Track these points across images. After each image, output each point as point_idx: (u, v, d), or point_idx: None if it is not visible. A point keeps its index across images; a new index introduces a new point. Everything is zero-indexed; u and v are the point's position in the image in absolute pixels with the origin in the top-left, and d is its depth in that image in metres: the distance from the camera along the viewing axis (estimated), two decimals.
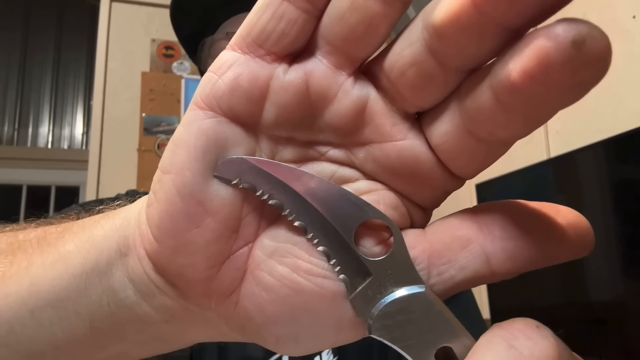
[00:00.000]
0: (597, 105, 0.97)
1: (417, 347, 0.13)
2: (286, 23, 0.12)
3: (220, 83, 0.13)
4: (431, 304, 0.13)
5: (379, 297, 0.13)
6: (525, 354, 0.11)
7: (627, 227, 0.80)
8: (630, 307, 0.78)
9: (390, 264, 0.13)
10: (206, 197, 0.13)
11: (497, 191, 1.15)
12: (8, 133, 3.04)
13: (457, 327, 0.13)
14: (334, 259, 0.14)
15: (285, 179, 0.13)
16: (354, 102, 0.13)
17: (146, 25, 1.56)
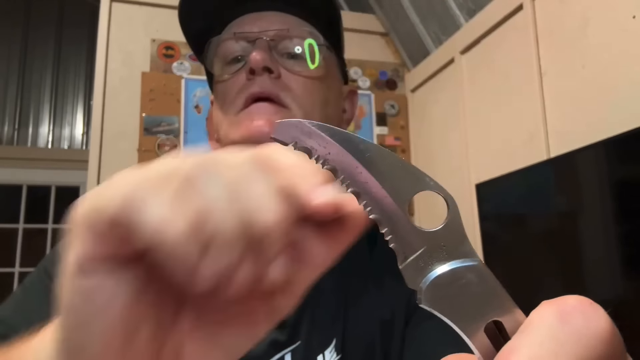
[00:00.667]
0: (597, 105, 0.97)
1: (467, 319, 0.13)
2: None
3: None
4: (484, 277, 0.13)
5: (430, 268, 0.13)
6: (579, 329, 0.11)
7: (627, 226, 0.80)
8: (630, 306, 0.78)
9: (443, 237, 0.13)
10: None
11: (497, 191, 1.15)
12: (8, 133, 3.04)
13: (508, 302, 0.13)
14: (386, 227, 0.13)
15: (341, 143, 0.13)
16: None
17: (146, 25, 1.55)
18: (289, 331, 0.40)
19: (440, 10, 1.50)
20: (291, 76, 0.39)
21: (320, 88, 0.41)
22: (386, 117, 1.74)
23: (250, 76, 0.38)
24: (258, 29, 0.40)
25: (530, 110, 1.14)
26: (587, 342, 0.11)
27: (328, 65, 0.42)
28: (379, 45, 1.81)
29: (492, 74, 1.30)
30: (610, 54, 0.94)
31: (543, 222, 1.02)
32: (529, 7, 1.15)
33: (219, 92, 0.42)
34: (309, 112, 0.39)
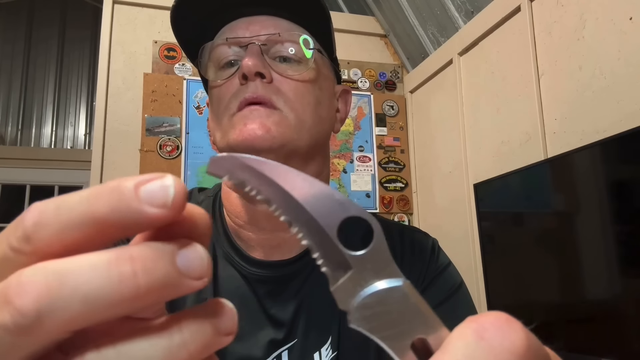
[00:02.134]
0: (595, 105, 0.98)
1: (393, 337, 0.14)
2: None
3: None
4: (407, 297, 0.14)
5: (359, 289, 0.14)
6: (494, 345, 0.12)
7: (624, 226, 0.81)
8: (628, 306, 0.79)
9: (370, 259, 0.14)
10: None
11: (495, 191, 1.15)
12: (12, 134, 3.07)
13: (432, 320, 0.13)
14: (317, 252, 0.14)
15: (272, 176, 0.14)
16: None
17: (148, 27, 1.57)
18: (285, 330, 0.41)
19: (438, 12, 1.51)
20: (283, 80, 0.40)
21: (312, 90, 0.41)
22: (385, 117, 1.75)
23: (243, 81, 0.39)
24: (250, 34, 0.40)
25: (528, 111, 1.15)
26: (501, 358, 0.11)
27: (320, 67, 0.43)
28: (378, 47, 1.82)
29: (490, 75, 1.31)
30: (607, 55, 0.95)
31: (540, 222, 1.03)
32: (526, 9, 1.16)
33: (213, 96, 0.43)
34: (300, 114, 0.40)
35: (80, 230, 0.13)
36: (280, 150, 0.39)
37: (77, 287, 0.12)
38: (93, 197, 0.13)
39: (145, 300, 0.12)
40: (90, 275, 0.12)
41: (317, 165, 0.44)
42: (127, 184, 0.13)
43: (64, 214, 0.13)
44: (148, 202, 0.13)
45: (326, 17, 0.43)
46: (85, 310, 0.12)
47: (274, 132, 0.38)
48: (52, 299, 0.11)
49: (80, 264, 0.12)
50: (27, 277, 0.12)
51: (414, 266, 0.46)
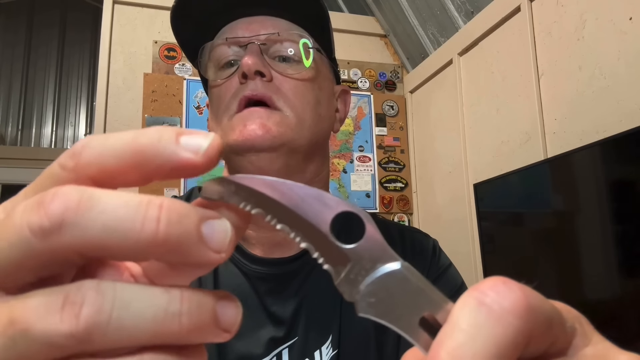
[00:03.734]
0: (594, 105, 0.98)
1: (401, 319, 0.14)
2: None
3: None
4: (407, 278, 0.14)
5: (361, 279, 0.14)
6: (495, 308, 0.12)
7: (624, 226, 0.81)
8: (627, 306, 0.79)
9: (366, 248, 0.15)
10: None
11: (495, 191, 1.15)
12: (12, 134, 3.07)
13: (436, 296, 0.14)
14: (317, 251, 0.15)
15: (261, 189, 0.15)
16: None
17: (148, 27, 1.57)
18: (286, 328, 0.41)
19: (438, 12, 1.51)
20: (283, 79, 0.40)
21: (311, 89, 0.42)
22: (385, 117, 1.75)
23: (243, 80, 0.39)
24: (249, 34, 0.41)
25: (528, 111, 1.15)
26: (502, 319, 0.12)
27: (319, 66, 0.43)
28: (378, 47, 1.82)
29: (490, 75, 1.31)
30: (607, 55, 0.95)
31: (540, 222, 1.03)
32: (526, 9, 1.16)
33: (213, 96, 0.43)
34: (300, 113, 0.40)
35: (119, 158, 0.14)
36: (280, 150, 0.39)
37: (103, 212, 0.12)
38: (139, 133, 0.14)
39: (159, 251, 0.13)
40: (119, 207, 0.13)
41: (316, 165, 0.44)
42: (171, 129, 0.14)
43: (110, 142, 0.14)
44: (184, 147, 0.14)
45: (325, 17, 0.43)
46: (103, 236, 0.12)
47: (274, 132, 0.38)
48: (78, 214, 0.12)
49: (115, 196, 0.13)
50: (65, 190, 0.13)
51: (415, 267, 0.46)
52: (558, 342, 0.13)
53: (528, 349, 0.12)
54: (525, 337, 0.12)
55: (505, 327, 0.12)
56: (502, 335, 0.12)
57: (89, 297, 0.12)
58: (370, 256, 0.15)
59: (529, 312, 0.12)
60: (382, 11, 1.77)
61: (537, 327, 0.12)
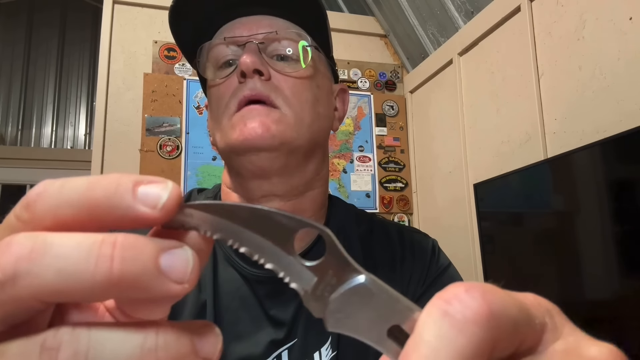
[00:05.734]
0: (595, 105, 0.98)
1: (369, 331, 0.14)
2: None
3: None
4: (372, 291, 0.14)
5: (327, 295, 0.15)
6: (457, 318, 0.12)
7: (624, 226, 0.81)
8: (627, 306, 0.79)
9: (329, 264, 0.15)
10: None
11: (495, 191, 1.15)
12: (12, 133, 3.07)
13: (402, 306, 0.14)
14: (281, 272, 0.15)
15: (219, 215, 0.15)
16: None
17: (148, 27, 1.57)
18: (285, 330, 0.41)
19: (438, 12, 1.51)
20: (281, 77, 0.40)
21: (310, 88, 0.42)
22: (385, 117, 1.75)
23: (242, 79, 0.39)
24: (247, 33, 0.41)
25: (528, 111, 1.15)
26: (464, 329, 0.12)
27: (317, 65, 0.43)
28: (378, 47, 1.82)
29: (490, 75, 1.31)
30: (607, 56, 0.95)
31: (540, 222, 1.03)
32: (526, 9, 1.16)
33: (212, 96, 0.43)
34: (299, 111, 0.40)
35: (75, 209, 0.13)
36: (280, 149, 0.39)
37: (56, 258, 0.12)
38: (94, 183, 0.14)
39: (117, 289, 0.13)
40: (72, 251, 0.12)
41: (316, 163, 0.44)
42: (128, 178, 0.14)
43: (65, 192, 0.13)
44: (141, 201, 0.13)
45: (323, 16, 0.43)
46: (58, 281, 0.12)
47: (274, 131, 0.38)
48: (31, 263, 0.12)
49: (67, 239, 0.13)
50: (17, 240, 0.13)
51: (415, 267, 0.46)
52: (527, 341, 0.13)
53: (494, 353, 0.12)
54: (488, 344, 0.12)
55: (468, 337, 0.12)
56: (466, 346, 0.12)
57: (65, 343, 0.12)
58: (335, 271, 0.15)
59: (491, 319, 0.12)
60: (382, 11, 1.77)
61: (502, 333, 0.12)
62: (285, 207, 0.42)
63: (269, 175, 0.40)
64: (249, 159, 0.39)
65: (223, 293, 0.41)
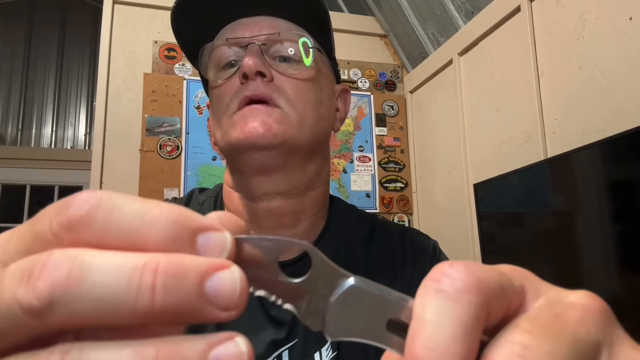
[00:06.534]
0: (594, 106, 0.98)
1: (369, 330, 0.14)
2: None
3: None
4: (362, 290, 0.14)
5: (321, 307, 0.15)
6: (450, 291, 0.13)
7: (624, 226, 0.81)
8: (627, 306, 0.79)
9: (317, 276, 0.15)
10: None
11: (495, 191, 1.15)
12: (12, 134, 3.07)
13: (393, 298, 0.14)
14: (273, 295, 0.15)
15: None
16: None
17: (148, 27, 1.57)
18: (286, 330, 0.41)
19: (438, 12, 1.51)
20: (284, 78, 0.40)
21: (312, 89, 0.42)
22: (385, 117, 1.75)
23: (244, 80, 0.39)
24: (250, 34, 0.41)
25: (528, 111, 1.15)
26: (459, 299, 0.12)
27: (319, 66, 0.43)
28: (378, 47, 1.82)
29: (489, 75, 1.31)
30: (607, 56, 0.95)
31: (540, 222, 1.03)
32: (526, 9, 1.16)
33: (214, 96, 0.43)
34: (302, 112, 0.40)
35: (122, 241, 0.12)
36: (281, 148, 0.39)
37: (94, 286, 0.12)
38: (151, 220, 0.12)
39: (158, 318, 0.12)
40: (111, 278, 0.12)
41: (317, 164, 0.44)
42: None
43: (114, 223, 0.12)
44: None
45: (325, 17, 0.43)
46: (95, 310, 0.12)
47: (276, 130, 0.38)
48: (68, 291, 0.11)
49: (106, 262, 0.12)
50: (55, 261, 0.12)
51: (416, 268, 0.46)
52: (513, 304, 0.14)
53: (490, 318, 0.13)
54: (484, 309, 0.13)
55: (465, 305, 0.12)
56: (464, 313, 0.12)
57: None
58: (324, 281, 0.15)
59: (480, 285, 0.13)
60: (382, 11, 1.77)
61: (492, 296, 0.13)
62: (286, 206, 0.42)
63: (270, 172, 0.40)
64: (250, 156, 0.39)
65: None
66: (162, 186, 1.47)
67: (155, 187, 1.47)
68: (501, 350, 0.12)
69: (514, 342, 0.12)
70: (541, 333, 0.12)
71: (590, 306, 0.14)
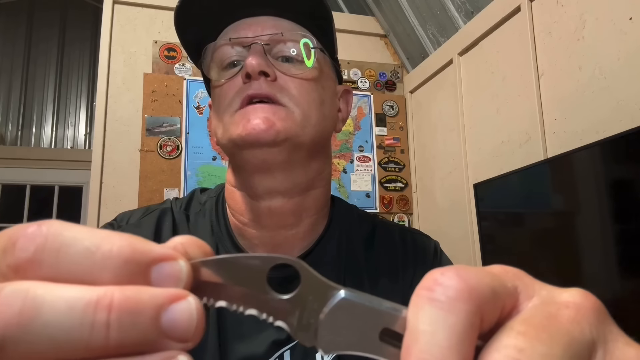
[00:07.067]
0: (594, 106, 0.98)
1: (362, 342, 0.14)
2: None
3: None
4: (353, 302, 0.14)
5: (313, 322, 0.15)
6: (443, 299, 0.13)
7: (624, 226, 0.81)
8: (627, 306, 0.79)
9: (307, 291, 0.15)
10: None
11: (494, 191, 1.15)
12: (12, 133, 3.07)
13: (384, 309, 0.14)
14: (264, 313, 0.15)
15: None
16: None
17: (148, 27, 1.57)
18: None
19: (438, 12, 1.51)
20: (287, 78, 0.40)
21: (315, 89, 0.42)
22: (385, 117, 1.75)
23: (247, 80, 0.39)
24: (253, 34, 0.41)
25: (528, 111, 1.15)
26: (452, 308, 0.12)
27: (322, 66, 0.43)
28: (378, 47, 1.82)
29: (490, 75, 1.31)
30: (607, 56, 0.95)
31: (540, 222, 1.03)
32: (526, 9, 1.16)
33: (216, 96, 0.43)
34: (306, 111, 0.40)
35: (73, 279, 0.12)
36: (283, 144, 0.38)
37: (47, 324, 0.11)
38: (101, 259, 0.12)
39: (114, 352, 0.12)
40: (64, 315, 0.11)
41: (319, 163, 0.44)
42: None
43: (62, 265, 0.12)
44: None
45: (328, 17, 0.43)
46: (49, 348, 0.11)
47: (279, 127, 0.38)
48: (21, 329, 0.11)
49: (59, 299, 0.12)
50: (6, 298, 0.11)
51: (417, 269, 0.46)
52: (507, 306, 0.14)
53: (484, 323, 0.13)
54: (478, 315, 0.13)
55: (458, 314, 0.12)
56: (458, 322, 0.12)
57: None
58: (314, 296, 0.15)
59: (472, 292, 0.13)
60: (382, 11, 1.77)
61: (485, 302, 0.13)
62: (288, 205, 0.42)
63: (272, 170, 0.40)
64: (252, 152, 0.39)
65: None
66: (162, 186, 1.47)
67: (155, 187, 1.47)
68: (496, 354, 0.12)
69: (508, 346, 0.12)
70: (535, 335, 0.12)
71: (583, 304, 0.14)
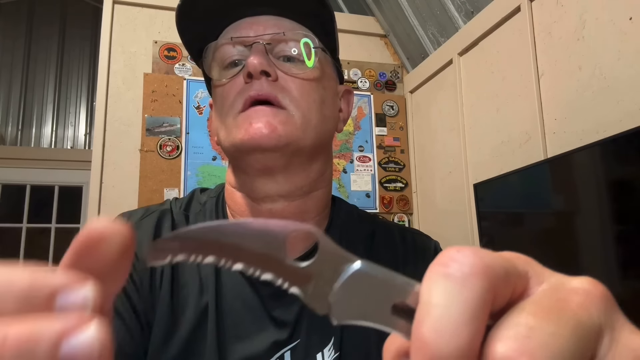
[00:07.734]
0: (595, 105, 0.98)
1: (375, 313, 0.14)
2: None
3: None
4: (369, 274, 0.14)
5: (327, 290, 0.15)
6: (458, 275, 0.13)
7: (624, 226, 0.81)
8: (627, 306, 0.79)
9: (323, 259, 0.15)
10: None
11: (495, 191, 1.15)
12: (12, 133, 3.07)
13: (400, 282, 0.14)
14: (279, 279, 0.15)
15: (205, 237, 0.15)
16: None
17: (148, 27, 1.57)
18: (288, 330, 0.41)
19: (438, 12, 1.51)
20: (288, 78, 0.40)
21: (316, 89, 0.42)
22: (385, 117, 1.75)
23: (248, 80, 0.39)
24: (254, 33, 0.41)
25: (528, 111, 1.15)
26: (467, 283, 0.13)
27: (323, 66, 0.43)
28: (378, 47, 1.82)
29: (489, 75, 1.31)
30: (607, 55, 0.95)
31: (540, 222, 1.03)
32: (526, 9, 1.16)
33: (217, 95, 0.43)
34: (306, 112, 0.40)
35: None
36: (285, 149, 0.38)
37: None
38: (2, 293, 0.12)
39: None
40: None
41: (320, 164, 0.44)
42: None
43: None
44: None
45: (330, 17, 0.43)
46: None
47: (280, 131, 0.38)
48: None
49: None
50: None
51: (418, 269, 0.46)
52: (517, 288, 0.14)
53: (495, 302, 0.13)
54: (491, 293, 0.13)
55: (472, 290, 0.13)
56: (472, 297, 0.12)
57: None
58: (330, 265, 0.15)
59: (487, 270, 0.13)
60: (382, 11, 1.77)
61: (498, 280, 0.13)
62: (290, 208, 0.42)
63: (273, 173, 0.40)
64: (254, 157, 0.39)
65: (226, 294, 0.41)
66: (162, 186, 1.47)
67: (155, 187, 1.47)
68: (507, 332, 0.12)
69: (519, 324, 0.12)
70: (545, 316, 0.13)
71: (592, 291, 0.14)
